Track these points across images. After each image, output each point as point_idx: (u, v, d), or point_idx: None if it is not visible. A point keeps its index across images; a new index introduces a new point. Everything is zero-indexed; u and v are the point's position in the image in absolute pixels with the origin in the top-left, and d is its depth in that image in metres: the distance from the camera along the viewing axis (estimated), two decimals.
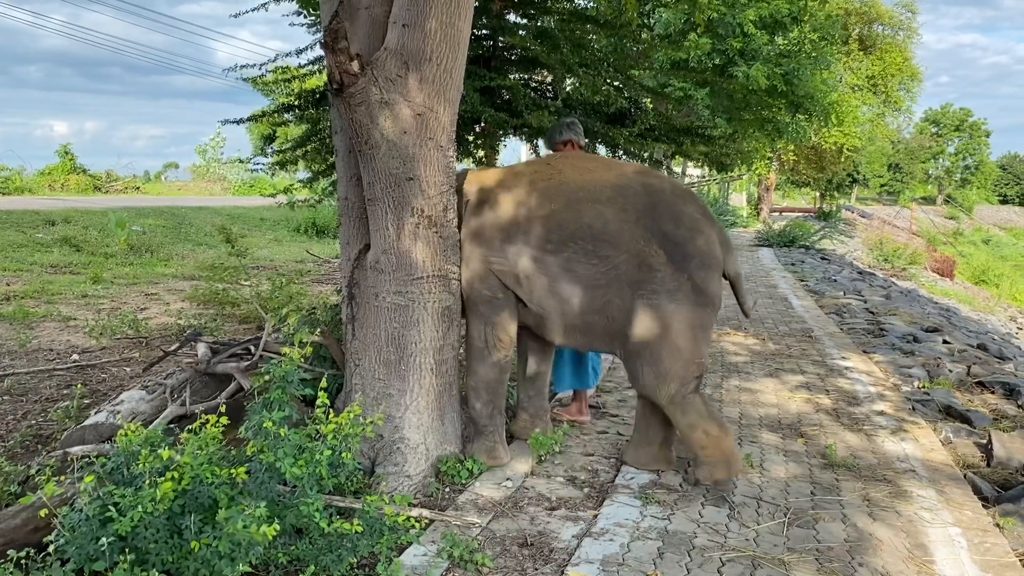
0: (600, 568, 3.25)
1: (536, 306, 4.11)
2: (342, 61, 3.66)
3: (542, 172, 4.18)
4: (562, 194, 4.01)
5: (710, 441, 3.98)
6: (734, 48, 14.51)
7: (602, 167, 4.23)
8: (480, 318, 4.21)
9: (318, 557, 2.98)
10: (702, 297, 3.92)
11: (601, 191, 3.98)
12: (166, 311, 8.34)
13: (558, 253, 3.96)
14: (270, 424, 2.93)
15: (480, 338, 4.23)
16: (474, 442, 4.36)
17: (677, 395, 3.95)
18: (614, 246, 3.89)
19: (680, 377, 3.93)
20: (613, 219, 3.90)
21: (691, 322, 3.91)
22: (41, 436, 4.58)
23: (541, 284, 4.03)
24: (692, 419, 3.97)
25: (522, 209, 4.06)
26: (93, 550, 2.63)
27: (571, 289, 3.98)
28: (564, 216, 3.96)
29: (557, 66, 6.64)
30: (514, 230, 4.05)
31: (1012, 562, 3.46)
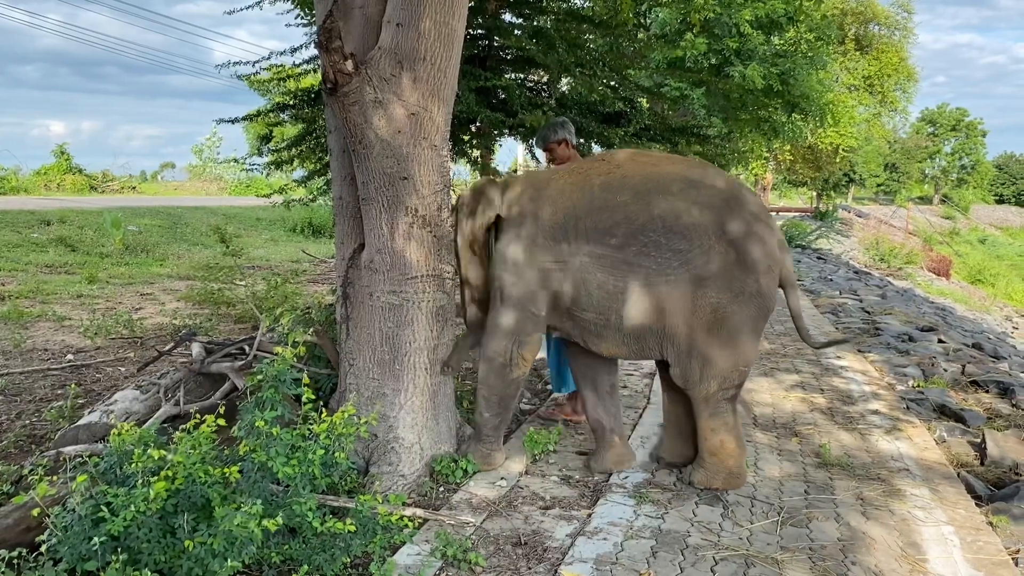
0: (594, 567, 3.25)
1: (593, 312, 3.85)
2: (336, 60, 3.66)
3: (599, 167, 3.95)
4: (628, 187, 3.79)
5: (723, 452, 3.93)
6: (730, 48, 14.54)
7: (665, 160, 4.08)
8: (509, 335, 3.97)
9: (311, 556, 2.98)
10: (762, 301, 3.79)
11: (671, 183, 3.77)
12: (161, 311, 8.33)
13: (624, 247, 3.72)
14: (262, 423, 2.93)
15: (504, 354, 4.00)
16: (470, 444, 4.29)
17: (714, 396, 3.85)
18: (687, 239, 3.68)
19: (723, 378, 3.81)
20: (685, 212, 3.70)
21: (748, 324, 3.79)
22: (35, 436, 4.58)
23: (601, 283, 3.78)
24: (717, 424, 3.90)
25: (581, 204, 3.83)
26: (85, 550, 2.63)
27: (636, 286, 3.73)
28: (632, 208, 3.74)
29: (553, 66, 6.65)
30: (571, 226, 3.82)
31: (1005, 560, 3.47)
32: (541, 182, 4.05)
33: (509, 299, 3.93)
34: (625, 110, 7.28)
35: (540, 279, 3.87)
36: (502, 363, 4.02)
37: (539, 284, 3.88)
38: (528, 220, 3.91)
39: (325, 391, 4.57)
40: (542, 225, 3.87)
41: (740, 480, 4.03)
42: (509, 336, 3.97)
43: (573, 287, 3.84)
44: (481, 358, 4.09)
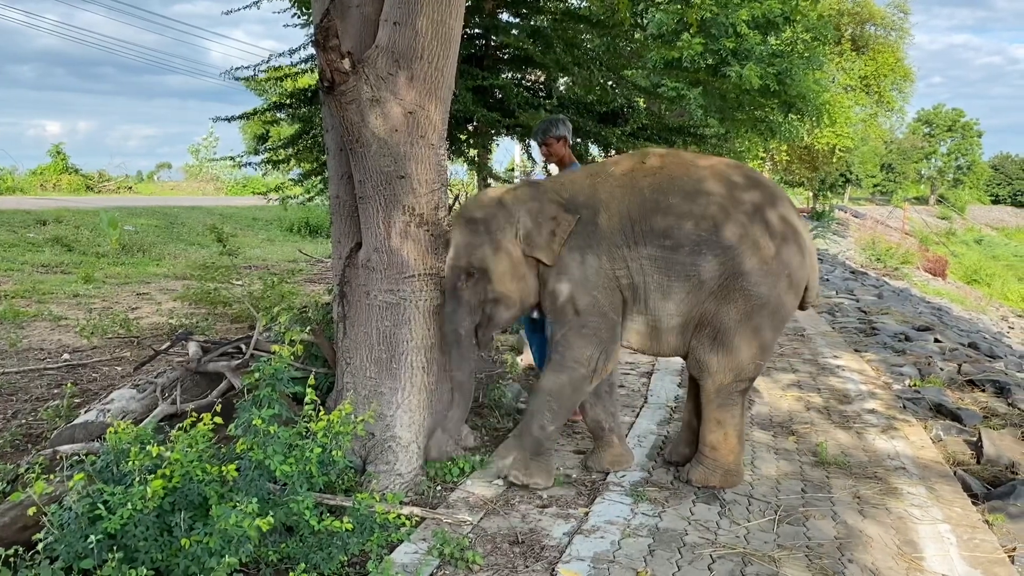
0: (591, 565, 3.25)
1: (648, 314, 3.88)
2: (333, 59, 3.66)
3: (642, 169, 3.92)
4: (677, 188, 3.80)
5: (724, 447, 3.97)
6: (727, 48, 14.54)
7: (701, 159, 4.07)
8: (596, 342, 3.86)
9: (308, 555, 2.98)
10: (791, 297, 3.87)
11: (714, 183, 3.81)
12: (158, 311, 8.32)
13: (678, 248, 3.75)
14: (259, 421, 2.93)
15: (589, 363, 3.88)
16: (529, 467, 4.00)
17: (726, 388, 3.89)
18: (734, 236, 3.73)
19: (738, 371, 3.86)
20: (733, 211, 3.75)
21: (772, 320, 3.84)
22: (31, 435, 4.57)
23: (656, 284, 3.81)
24: (724, 416, 3.94)
25: (635, 207, 3.81)
26: (82, 548, 2.62)
27: (686, 285, 3.78)
28: (684, 209, 3.76)
29: (551, 65, 6.65)
30: (629, 230, 3.80)
31: (1001, 558, 3.48)
32: (587, 187, 3.96)
33: (587, 310, 3.83)
34: (622, 109, 7.28)
35: (612, 286, 3.84)
36: (584, 374, 3.89)
37: (613, 290, 3.85)
38: (589, 228, 3.84)
39: (322, 390, 4.56)
40: (602, 232, 3.82)
41: (737, 478, 4.06)
42: (597, 344, 3.87)
43: (632, 291, 3.85)
44: (556, 368, 3.91)
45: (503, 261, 3.89)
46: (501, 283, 3.91)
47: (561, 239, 3.84)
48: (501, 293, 3.92)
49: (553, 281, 3.89)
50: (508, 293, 3.93)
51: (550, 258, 3.85)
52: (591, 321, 3.84)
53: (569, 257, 3.85)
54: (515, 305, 3.99)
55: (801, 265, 3.85)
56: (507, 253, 3.90)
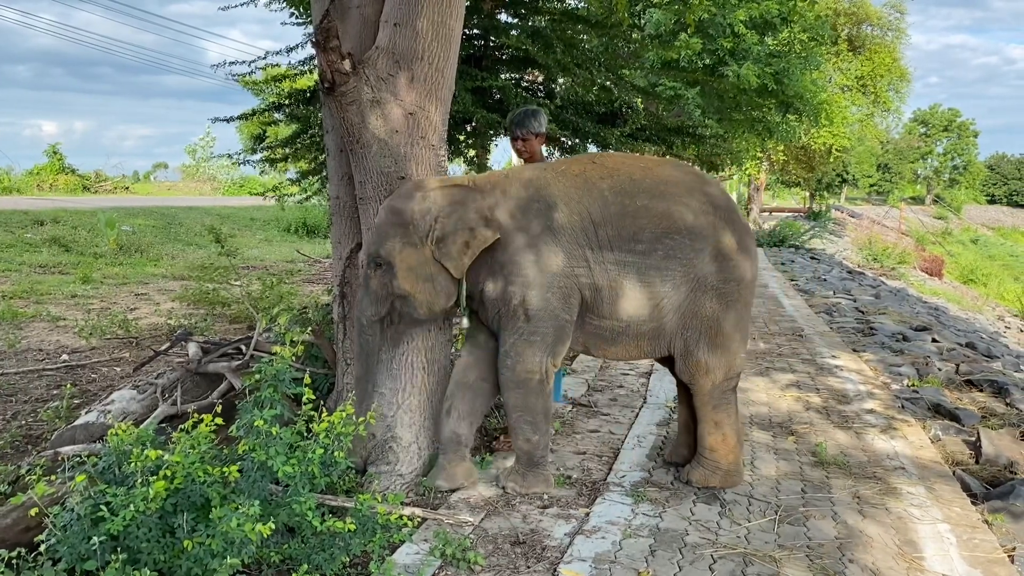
0: (592, 566, 3.26)
1: (614, 319, 3.82)
2: (333, 60, 3.66)
3: (596, 170, 3.84)
4: (642, 191, 3.76)
5: (723, 447, 3.98)
6: (724, 48, 14.56)
7: (652, 162, 4.08)
8: (543, 348, 3.78)
9: (310, 556, 2.98)
10: (753, 287, 4.01)
11: (678, 185, 3.83)
12: (156, 311, 8.32)
13: (651, 253, 3.72)
14: (261, 422, 2.93)
15: (539, 371, 3.80)
16: (526, 477, 3.99)
17: (719, 387, 3.93)
18: (704, 238, 3.76)
19: (727, 367, 3.91)
20: (700, 212, 3.78)
21: (746, 310, 3.96)
22: (31, 436, 4.57)
23: (626, 290, 3.75)
24: (721, 417, 3.96)
25: (596, 209, 3.72)
26: (85, 549, 2.62)
27: (660, 291, 3.77)
28: (654, 212, 3.73)
29: (551, 66, 6.65)
30: (591, 233, 3.72)
31: (1001, 558, 3.49)
32: (537, 186, 3.80)
33: (539, 312, 3.71)
34: (620, 110, 7.29)
35: (568, 285, 3.74)
36: (539, 379, 3.83)
37: (569, 290, 3.74)
38: (543, 225, 3.71)
39: (322, 391, 4.56)
40: (559, 229, 3.71)
41: (738, 478, 4.07)
42: (544, 350, 3.78)
43: (595, 293, 3.77)
44: (511, 385, 3.84)
45: (410, 258, 3.72)
46: (405, 281, 3.74)
47: (473, 254, 3.68)
48: (404, 291, 3.76)
49: (503, 284, 3.74)
50: (411, 292, 3.76)
51: (458, 271, 3.71)
52: (540, 327, 3.74)
53: (521, 257, 3.71)
54: (421, 306, 3.80)
55: (754, 252, 4.02)
56: (416, 251, 3.72)
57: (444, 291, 3.79)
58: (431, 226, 3.70)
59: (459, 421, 4.02)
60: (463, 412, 4.03)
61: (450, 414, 4.02)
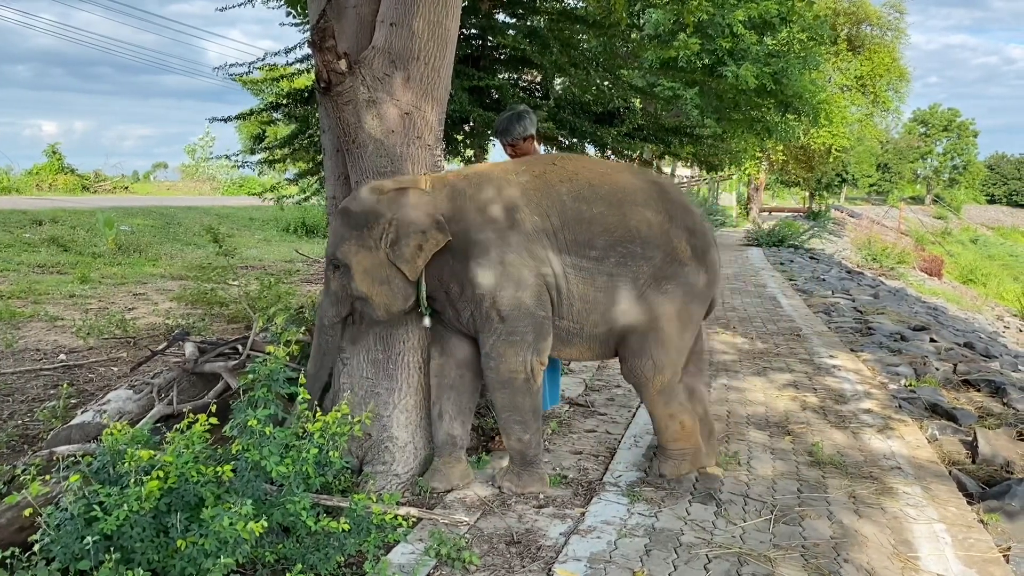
0: (587, 565, 3.26)
1: (570, 320, 3.86)
2: (330, 60, 3.66)
3: (556, 172, 3.85)
4: (599, 197, 3.78)
5: (684, 434, 4.04)
6: (723, 48, 14.55)
7: (611, 168, 4.12)
8: (525, 347, 3.77)
9: (305, 555, 2.98)
10: (710, 291, 4.03)
11: (635, 192, 3.84)
12: (154, 311, 8.31)
13: (604, 259, 3.75)
14: (255, 422, 2.93)
15: (523, 370, 3.79)
16: (521, 477, 4.01)
17: (667, 384, 3.96)
18: (657, 246, 3.79)
19: (674, 365, 3.97)
20: (655, 221, 3.80)
21: (694, 313, 3.99)
22: (27, 436, 4.57)
23: (581, 293, 3.79)
24: (674, 408, 4.00)
25: (555, 212, 3.74)
26: (78, 549, 2.62)
27: (613, 296, 3.80)
28: (609, 219, 3.75)
29: (548, 66, 6.65)
30: (550, 235, 3.73)
31: (996, 558, 3.49)
32: (494, 184, 3.78)
33: (512, 312, 3.70)
34: (618, 110, 7.29)
35: (538, 283, 3.74)
36: (524, 378, 3.82)
37: (540, 287, 3.74)
38: (505, 226, 3.69)
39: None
40: (522, 229, 3.70)
41: (701, 455, 4.15)
42: (526, 349, 3.77)
43: (555, 294, 3.81)
44: (497, 386, 3.84)
45: (364, 261, 3.69)
46: (362, 282, 3.71)
47: (426, 256, 3.65)
48: (361, 293, 3.73)
49: (472, 287, 3.71)
50: (368, 294, 3.73)
51: (412, 273, 3.67)
52: (517, 326, 3.73)
53: (484, 258, 3.67)
54: (379, 308, 3.76)
55: (714, 259, 4.02)
56: (371, 254, 3.69)
57: (401, 293, 3.75)
58: (384, 229, 3.66)
59: (451, 422, 4.02)
60: (453, 413, 4.03)
61: (442, 417, 4.03)
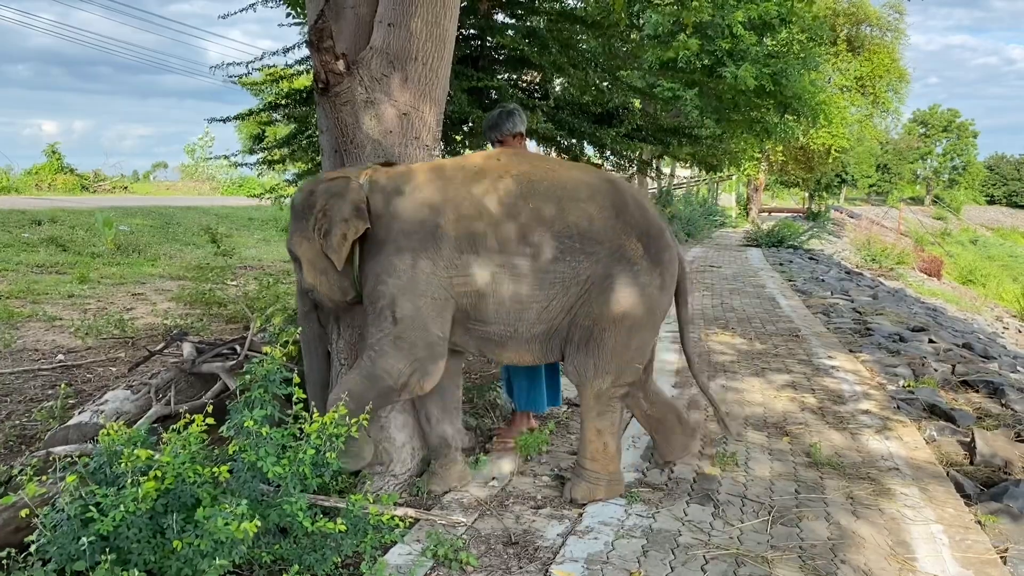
0: (584, 566, 3.26)
1: (500, 323, 3.66)
2: (328, 60, 3.66)
3: (494, 168, 3.68)
4: (538, 192, 3.60)
5: (604, 457, 3.87)
6: (723, 49, 14.57)
7: (562, 166, 3.95)
8: (409, 357, 3.57)
9: (302, 556, 2.98)
10: (664, 296, 3.80)
11: (577, 189, 3.66)
12: (153, 311, 8.31)
13: (538, 256, 3.56)
14: (251, 423, 2.93)
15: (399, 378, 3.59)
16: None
17: (605, 393, 3.77)
18: (599, 243, 3.60)
19: (616, 374, 3.74)
20: (598, 216, 3.62)
21: (648, 320, 3.74)
22: (25, 436, 4.56)
23: (511, 294, 3.58)
24: (604, 425, 3.83)
25: (488, 210, 3.56)
26: (74, 550, 2.62)
27: (548, 293, 3.60)
28: (546, 215, 3.57)
29: (547, 66, 6.65)
30: (480, 235, 3.54)
31: (993, 559, 3.49)
32: (429, 184, 3.64)
33: (406, 318, 3.54)
34: (617, 110, 7.29)
35: (444, 296, 3.57)
36: (391, 386, 3.60)
37: (445, 301, 3.58)
38: (426, 229, 3.54)
39: None
40: (443, 235, 3.53)
41: (619, 486, 3.97)
42: (408, 360, 3.57)
43: (478, 299, 3.61)
44: (364, 372, 3.61)
45: (308, 252, 3.69)
46: (308, 273, 3.72)
47: (348, 244, 3.57)
48: (309, 284, 3.75)
49: (374, 281, 3.59)
50: (314, 284, 3.73)
51: (338, 262, 3.58)
52: (409, 335, 3.55)
53: (398, 259, 3.54)
54: (324, 299, 3.78)
55: (671, 261, 3.79)
56: (311, 244, 3.67)
57: (337, 284, 3.70)
58: (318, 219, 3.62)
59: (439, 424, 4.01)
60: (439, 414, 4.02)
61: (429, 420, 4.02)
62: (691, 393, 5.99)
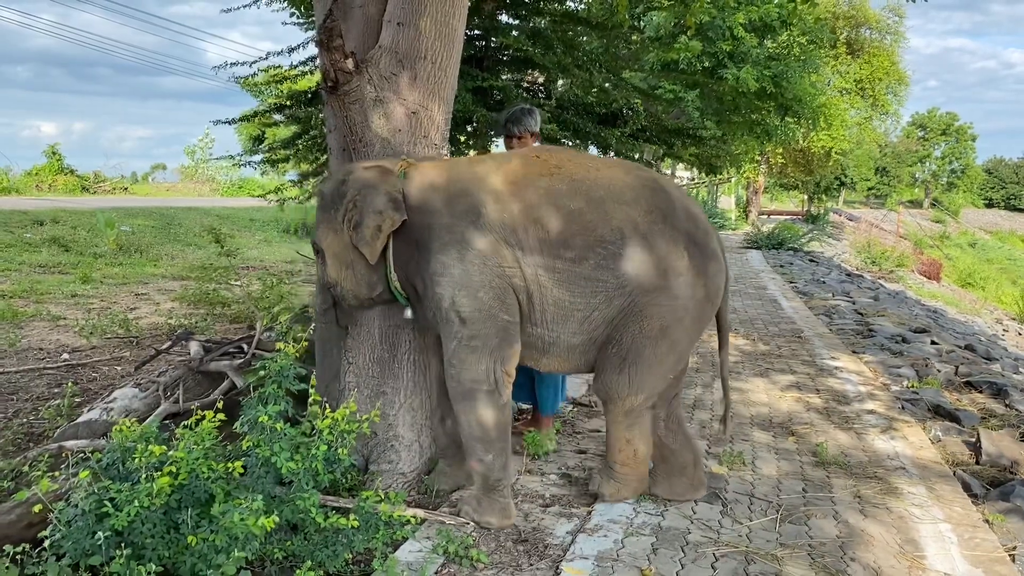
0: (595, 564, 3.26)
1: (544, 328, 3.49)
2: (337, 59, 3.66)
3: (538, 166, 3.52)
4: (580, 193, 3.41)
5: (635, 461, 3.77)
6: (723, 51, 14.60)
7: (604, 164, 3.76)
8: (487, 353, 3.44)
9: (313, 552, 2.98)
10: (707, 310, 3.61)
11: (623, 191, 3.45)
12: (156, 311, 8.32)
13: (581, 261, 3.37)
14: (266, 418, 2.94)
15: (488, 379, 3.46)
16: (480, 503, 3.64)
17: (638, 408, 3.61)
18: (644, 249, 3.38)
19: (650, 389, 3.58)
20: (642, 221, 3.40)
21: (688, 333, 3.57)
22: (32, 434, 4.57)
23: (554, 298, 3.42)
24: (634, 435, 3.69)
25: (529, 208, 3.39)
26: (89, 545, 2.63)
27: (591, 302, 3.41)
28: (589, 217, 3.38)
29: (551, 67, 6.66)
30: (521, 233, 3.38)
31: (1002, 557, 3.50)
32: (468, 176, 3.53)
33: (473, 314, 3.39)
34: (621, 111, 7.30)
35: (503, 284, 3.39)
36: (488, 390, 3.47)
37: (504, 289, 3.40)
38: (469, 220, 3.39)
39: None
40: (488, 225, 3.38)
41: (645, 484, 3.89)
42: (488, 355, 3.44)
43: (526, 298, 3.44)
44: (459, 397, 3.53)
45: (334, 244, 3.59)
46: (332, 267, 3.62)
47: (383, 238, 3.45)
48: (332, 278, 3.64)
49: (430, 284, 3.44)
50: (337, 279, 3.63)
51: (371, 257, 3.47)
52: (479, 331, 3.41)
53: (445, 255, 3.38)
54: (347, 294, 3.64)
55: (717, 271, 3.58)
56: (338, 236, 3.56)
57: (364, 279, 3.58)
58: (348, 209, 3.49)
59: (453, 424, 3.92)
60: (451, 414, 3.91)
61: (443, 421, 3.98)
62: (696, 394, 6.00)
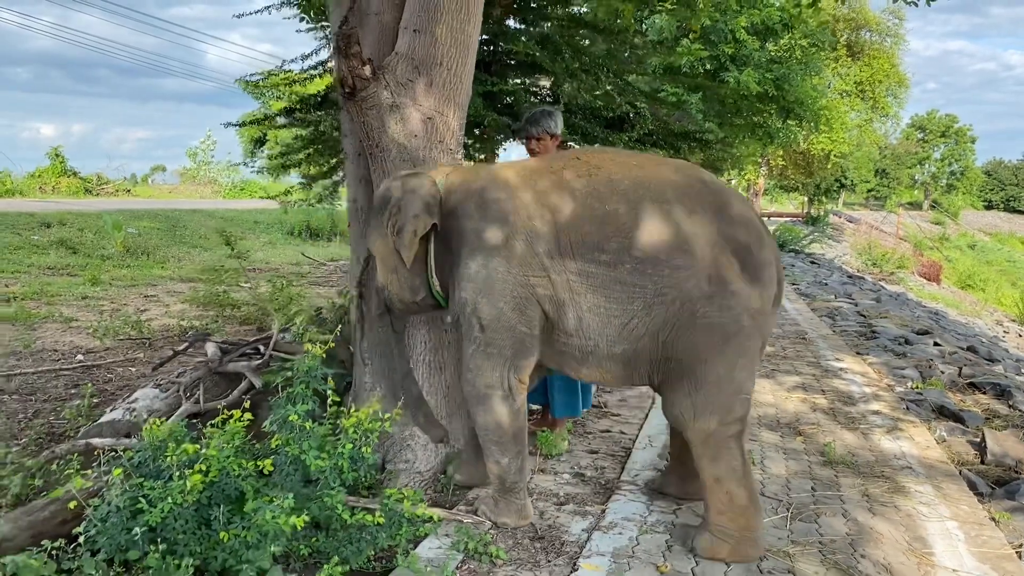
0: (611, 560, 3.33)
1: (581, 337, 3.35)
2: (354, 65, 3.74)
3: (576, 167, 3.41)
4: (617, 193, 3.26)
5: (731, 510, 3.33)
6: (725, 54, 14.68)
7: (648, 161, 3.53)
8: (503, 361, 3.42)
9: (339, 549, 3.06)
10: (765, 320, 3.36)
11: (664, 190, 3.26)
12: (167, 313, 8.38)
13: (617, 265, 3.20)
14: (295, 417, 3.01)
15: (501, 385, 3.45)
16: (497, 504, 3.68)
17: (715, 434, 3.29)
18: (687, 254, 3.17)
19: (723, 411, 3.27)
20: (685, 222, 3.20)
21: (748, 346, 3.29)
22: (53, 434, 4.63)
23: (591, 305, 3.27)
24: (721, 471, 3.31)
25: (564, 211, 3.30)
26: (125, 540, 2.70)
27: (628, 309, 3.23)
28: (626, 219, 3.22)
29: (559, 72, 6.73)
30: (553, 238, 3.29)
31: (1009, 554, 3.57)
32: (503, 181, 3.48)
33: (492, 323, 3.37)
34: (628, 115, 7.37)
35: (525, 294, 3.33)
36: (502, 395, 3.47)
37: (526, 300, 3.34)
38: (498, 226, 3.36)
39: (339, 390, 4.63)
40: (514, 232, 3.33)
41: (755, 550, 3.37)
42: (503, 363, 3.43)
43: (559, 308, 3.33)
44: (474, 401, 3.55)
45: (381, 248, 3.60)
46: (381, 271, 3.66)
47: (416, 241, 3.47)
48: (380, 283, 3.69)
49: (456, 288, 3.46)
50: (385, 283, 3.66)
51: (407, 259, 3.48)
52: (496, 339, 3.39)
53: (472, 261, 3.37)
54: (394, 299, 3.68)
55: (771, 277, 3.33)
56: (384, 241, 3.57)
57: (407, 283, 3.60)
58: (391, 215, 3.51)
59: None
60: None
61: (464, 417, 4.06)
62: None
